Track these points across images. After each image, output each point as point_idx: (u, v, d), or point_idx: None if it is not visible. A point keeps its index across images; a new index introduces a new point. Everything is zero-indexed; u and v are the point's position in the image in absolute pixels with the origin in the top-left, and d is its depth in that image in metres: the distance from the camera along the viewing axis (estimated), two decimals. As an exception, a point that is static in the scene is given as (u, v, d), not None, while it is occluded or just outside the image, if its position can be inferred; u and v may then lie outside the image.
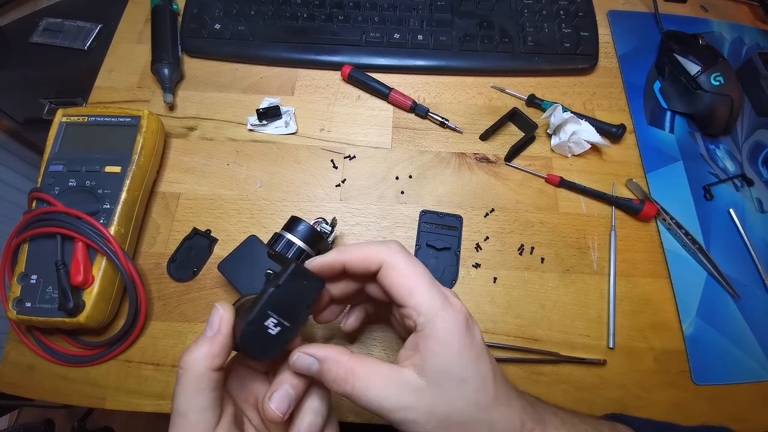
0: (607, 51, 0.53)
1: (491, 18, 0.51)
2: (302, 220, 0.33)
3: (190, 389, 0.23)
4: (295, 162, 0.45)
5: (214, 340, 0.24)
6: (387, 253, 0.26)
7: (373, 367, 0.24)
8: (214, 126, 0.47)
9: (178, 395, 0.23)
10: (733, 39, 0.54)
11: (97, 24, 0.66)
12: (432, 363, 0.24)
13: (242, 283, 0.36)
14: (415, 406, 0.23)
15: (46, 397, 0.36)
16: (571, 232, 0.43)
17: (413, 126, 0.48)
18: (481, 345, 0.25)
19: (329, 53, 0.50)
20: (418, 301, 0.25)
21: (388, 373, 0.24)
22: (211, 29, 0.50)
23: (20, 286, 0.36)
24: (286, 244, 0.32)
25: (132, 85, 0.49)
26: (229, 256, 0.37)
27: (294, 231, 0.33)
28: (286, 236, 0.32)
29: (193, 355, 0.24)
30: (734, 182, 0.45)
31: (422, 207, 0.43)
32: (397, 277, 0.25)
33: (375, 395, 0.23)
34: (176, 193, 0.43)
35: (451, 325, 0.24)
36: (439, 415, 0.23)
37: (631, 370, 0.37)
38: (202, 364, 0.23)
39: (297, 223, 0.33)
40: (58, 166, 0.39)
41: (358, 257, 0.27)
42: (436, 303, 0.24)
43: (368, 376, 0.24)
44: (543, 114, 0.47)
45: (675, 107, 0.49)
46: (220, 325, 0.25)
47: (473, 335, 0.25)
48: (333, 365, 0.24)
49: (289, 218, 0.34)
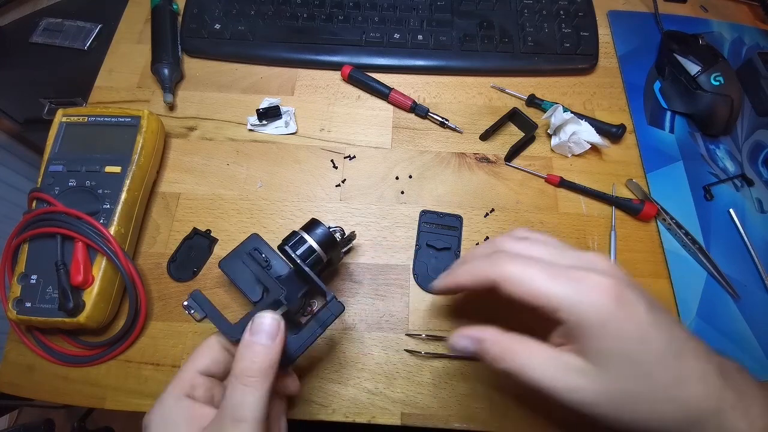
0: (607, 51, 0.53)
1: (491, 18, 0.51)
2: (322, 223, 0.34)
3: (266, 396, 0.24)
4: (295, 162, 0.45)
5: (273, 350, 0.25)
6: (493, 272, 0.25)
7: (533, 346, 0.24)
8: (214, 126, 0.47)
9: (250, 403, 0.23)
10: (733, 39, 0.54)
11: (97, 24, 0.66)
12: (591, 348, 0.23)
13: (243, 281, 0.36)
14: (587, 388, 0.23)
15: (46, 397, 0.36)
16: (571, 232, 0.43)
17: (413, 126, 0.48)
18: (644, 319, 0.23)
19: (329, 53, 0.50)
20: (549, 301, 0.24)
21: (548, 353, 0.24)
22: (211, 29, 0.50)
23: (20, 286, 0.36)
24: (300, 241, 0.33)
25: (132, 85, 0.49)
26: (230, 253, 0.37)
27: (312, 233, 0.33)
28: (304, 237, 0.33)
29: (267, 364, 0.24)
30: (734, 182, 0.45)
31: (422, 207, 0.43)
32: (515, 291, 0.25)
33: (540, 374, 0.24)
34: (176, 193, 0.43)
35: (597, 310, 0.23)
36: (613, 396, 0.23)
37: (631, 370, 0.37)
38: (273, 372, 0.24)
39: (316, 225, 0.34)
40: (58, 166, 0.39)
41: (467, 282, 0.27)
42: (571, 293, 0.23)
43: (529, 355, 0.24)
44: (543, 114, 0.47)
45: (675, 107, 0.49)
46: (278, 336, 0.25)
47: (630, 311, 0.23)
48: (492, 345, 0.25)
49: (310, 219, 0.34)
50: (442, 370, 0.37)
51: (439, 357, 0.37)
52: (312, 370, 0.37)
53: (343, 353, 0.37)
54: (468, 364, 0.37)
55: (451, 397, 0.36)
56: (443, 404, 0.36)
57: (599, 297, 0.23)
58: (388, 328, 0.38)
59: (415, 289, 0.40)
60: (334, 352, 0.37)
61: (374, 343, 0.38)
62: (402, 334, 0.38)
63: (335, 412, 0.35)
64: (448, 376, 0.37)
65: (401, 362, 0.37)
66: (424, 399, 0.36)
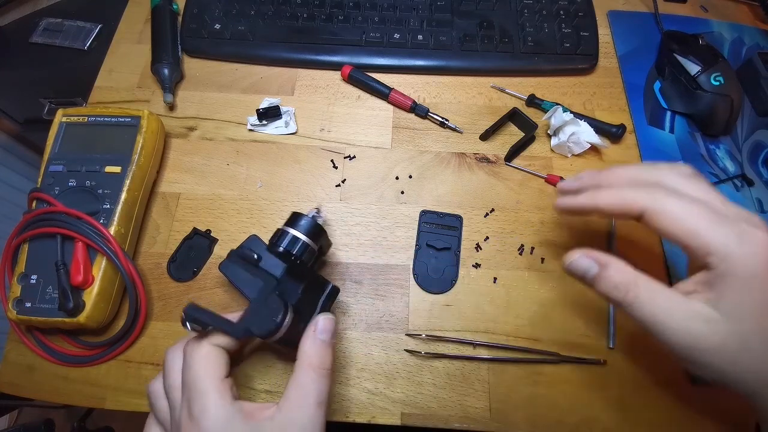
0: (607, 51, 0.53)
1: (491, 18, 0.51)
2: (303, 214, 0.34)
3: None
4: (295, 162, 0.45)
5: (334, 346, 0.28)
6: (649, 201, 0.25)
7: (660, 285, 0.24)
8: (214, 126, 0.47)
9: (328, 388, 0.26)
10: (733, 39, 0.54)
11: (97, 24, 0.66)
12: (730, 299, 0.23)
13: (244, 282, 0.36)
14: (708, 337, 0.23)
15: (46, 397, 0.36)
16: (571, 232, 0.43)
17: (413, 126, 0.48)
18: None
19: (329, 53, 0.50)
20: (704, 242, 0.23)
21: (674, 296, 0.24)
22: (211, 29, 0.50)
23: (20, 286, 0.36)
24: (292, 239, 0.32)
25: (132, 85, 0.49)
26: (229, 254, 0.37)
27: (297, 226, 0.33)
28: (291, 232, 0.33)
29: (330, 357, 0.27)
30: (734, 182, 0.45)
31: (422, 207, 0.43)
32: (669, 224, 0.24)
33: (659, 311, 0.23)
34: (176, 193, 0.44)
35: (752, 264, 0.23)
36: (731, 350, 0.23)
37: (631, 370, 0.37)
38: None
39: (299, 218, 0.33)
40: (58, 166, 0.39)
41: (613, 205, 0.26)
42: (730, 241, 0.23)
43: (654, 290, 0.24)
44: (543, 114, 0.47)
45: (675, 107, 0.49)
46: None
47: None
48: (617, 272, 0.25)
49: (291, 214, 0.34)
50: (442, 370, 0.37)
51: (439, 357, 0.37)
52: (312, 370, 0.37)
53: (343, 353, 0.37)
54: (468, 364, 0.37)
55: (451, 397, 0.36)
56: (443, 404, 0.36)
57: (758, 252, 0.23)
58: (388, 328, 0.38)
59: (415, 289, 0.40)
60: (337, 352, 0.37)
61: (374, 343, 0.38)
62: (402, 334, 0.38)
63: (335, 412, 0.35)
64: (448, 376, 0.37)
65: (401, 362, 0.37)
66: (424, 399, 0.36)
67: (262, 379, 0.36)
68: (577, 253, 0.26)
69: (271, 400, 0.36)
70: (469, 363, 0.37)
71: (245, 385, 0.36)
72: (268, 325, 0.29)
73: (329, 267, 0.41)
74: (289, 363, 0.37)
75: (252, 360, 0.37)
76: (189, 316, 0.28)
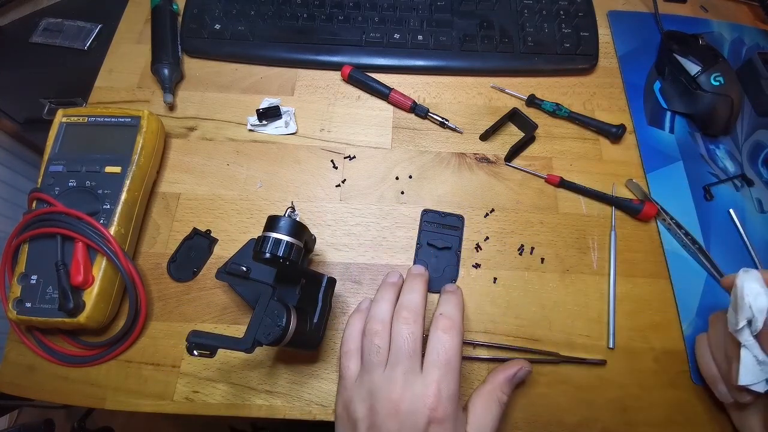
0: (607, 51, 0.53)
1: (491, 18, 0.51)
2: (279, 216, 0.32)
3: None
4: (295, 162, 0.45)
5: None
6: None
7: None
8: (214, 126, 0.47)
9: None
10: (733, 39, 0.54)
11: (97, 24, 0.66)
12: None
13: (244, 287, 0.36)
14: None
15: (46, 397, 0.36)
16: (571, 232, 0.43)
17: (413, 126, 0.48)
18: None
19: (329, 53, 0.50)
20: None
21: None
22: (211, 29, 0.50)
23: (20, 287, 0.36)
24: (275, 242, 0.31)
25: (132, 85, 0.49)
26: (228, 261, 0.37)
27: (276, 228, 0.32)
28: (272, 236, 0.31)
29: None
30: (734, 182, 0.46)
31: (422, 207, 0.43)
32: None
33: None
34: (176, 193, 0.44)
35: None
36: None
37: (631, 371, 0.37)
38: None
39: (276, 220, 0.32)
40: (58, 166, 0.39)
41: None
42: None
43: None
44: (544, 114, 0.46)
45: (675, 107, 0.49)
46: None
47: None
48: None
49: (267, 218, 0.33)
50: (442, 370, 0.37)
51: (439, 357, 0.37)
52: (312, 371, 0.37)
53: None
54: (467, 365, 0.37)
55: (451, 397, 0.36)
56: (443, 404, 0.36)
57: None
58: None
59: (415, 289, 0.40)
60: (335, 353, 0.37)
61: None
62: (402, 334, 0.38)
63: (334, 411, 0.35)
64: (448, 376, 0.37)
65: (401, 362, 0.37)
66: (424, 399, 0.36)
67: (262, 379, 0.36)
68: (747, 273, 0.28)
69: (271, 399, 0.36)
70: (468, 363, 0.37)
71: (245, 385, 0.36)
72: (274, 332, 0.29)
73: (329, 267, 0.41)
74: (290, 363, 0.37)
75: (252, 360, 0.37)
76: (193, 344, 0.28)
